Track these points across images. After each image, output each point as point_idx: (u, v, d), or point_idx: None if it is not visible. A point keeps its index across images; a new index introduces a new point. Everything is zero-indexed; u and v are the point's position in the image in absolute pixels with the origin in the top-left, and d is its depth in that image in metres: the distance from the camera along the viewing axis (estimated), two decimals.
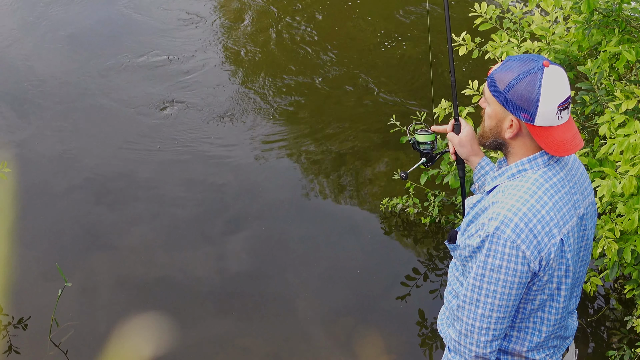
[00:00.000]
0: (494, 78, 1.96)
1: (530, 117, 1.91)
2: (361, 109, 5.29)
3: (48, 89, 5.39)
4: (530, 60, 1.92)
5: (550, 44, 3.48)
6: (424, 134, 2.53)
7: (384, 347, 3.61)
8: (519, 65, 1.92)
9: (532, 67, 1.90)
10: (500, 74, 1.94)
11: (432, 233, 4.29)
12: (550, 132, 1.92)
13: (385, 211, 4.38)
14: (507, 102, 1.93)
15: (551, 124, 1.92)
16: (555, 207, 1.94)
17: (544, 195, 1.94)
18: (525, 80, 1.89)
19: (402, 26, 6.19)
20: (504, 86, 1.92)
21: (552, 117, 1.91)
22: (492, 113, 2.00)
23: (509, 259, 1.90)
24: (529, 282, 1.95)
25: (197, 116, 5.20)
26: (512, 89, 1.91)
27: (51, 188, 4.53)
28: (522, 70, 1.91)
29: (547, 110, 1.90)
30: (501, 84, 1.93)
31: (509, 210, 1.90)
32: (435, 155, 2.57)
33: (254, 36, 6.11)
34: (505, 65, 1.95)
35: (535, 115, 1.90)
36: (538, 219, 1.90)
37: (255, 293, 3.92)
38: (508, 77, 1.92)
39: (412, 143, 2.57)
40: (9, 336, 3.59)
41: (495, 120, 1.99)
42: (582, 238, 2.07)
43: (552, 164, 1.99)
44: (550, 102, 1.89)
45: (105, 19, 6.25)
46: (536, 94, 1.88)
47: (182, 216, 4.37)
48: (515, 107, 1.92)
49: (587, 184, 2.11)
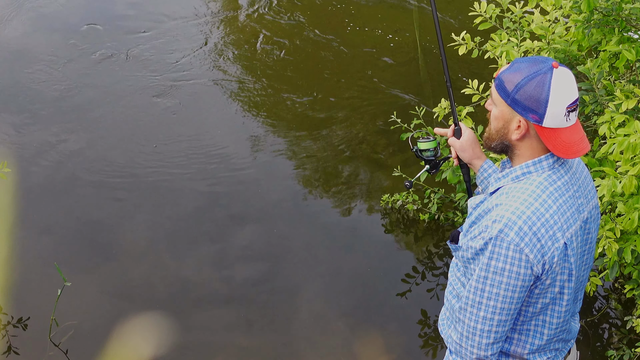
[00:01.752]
0: (502, 79, 1.96)
1: (539, 118, 1.91)
2: (363, 105, 5.28)
3: (47, 88, 5.39)
4: (539, 62, 1.92)
5: (550, 44, 3.47)
6: (426, 141, 2.52)
7: (384, 347, 3.61)
8: (527, 67, 1.92)
9: (541, 68, 1.90)
10: (509, 75, 1.94)
11: (431, 231, 4.29)
12: (558, 133, 1.92)
13: (386, 207, 4.38)
14: (515, 102, 1.93)
15: (559, 126, 1.92)
16: (560, 211, 1.94)
17: (548, 198, 1.93)
18: (535, 81, 1.90)
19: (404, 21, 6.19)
20: (513, 87, 1.92)
21: (560, 118, 1.91)
22: (499, 114, 2.00)
23: (512, 262, 1.89)
24: (532, 285, 1.95)
25: (197, 115, 5.20)
26: (521, 90, 1.91)
27: (51, 187, 4.53)
28: (531, 71, 1.91)
29: (556, 111, 1.90)
30: (510, 84, 1.93)
31: (512, 213, 1.90)
32: (439, 162, 2.56)
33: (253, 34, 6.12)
34: (513, 67, 1.95)
35: (544, 116, 1.90)
36: (542, 222, 1.90)
37: (255, 293, 3.91)
38: (517, 78, 1.92)
39: (414, 152, 2.56)
40: (9, 336, 3.59)
41: (503, 121, 1.99)
42: (586, 242, 2.07)
43: (556, 167, 1.99)
44: (559, 103, 1.89)
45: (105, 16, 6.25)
46: (545, 95, 1.88)
47: (183, 216, 4.37)
48: (523, 108, 1.92)
49: (591, 187, 2.10)
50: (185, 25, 6.19)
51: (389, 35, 6.06)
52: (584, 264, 2.09)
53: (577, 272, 2.03)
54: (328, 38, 6.02)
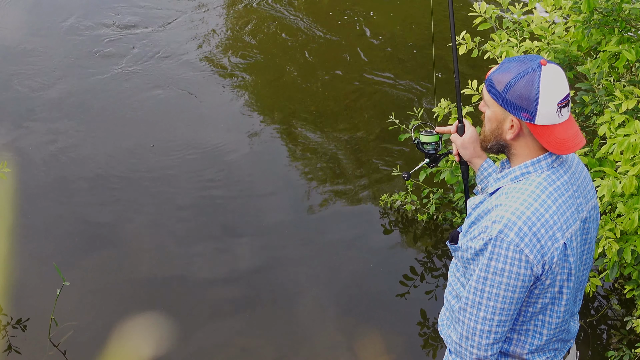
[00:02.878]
0: (492, 80, 1.97)
1: (531, 116, 1.91)
2: (362, 104, 5.28)
3: (47, 88, 5.39)
4: (527, 60, 1.92)
5: (550, 44, 3.47)
6: (429, 134, 2.52)
7: (384, 347, 3.61)
8: (516, 66, 1.93)
9: (529, 66, 1.91)
10: (498, 76, 1.95)
11: (430, 231, 4.29)
12: (551, 130, 1.93)
13: (385, 207, 4.38)
14: (506, 102, 1.93)
15: (552, 122, 1.92)
16: (559, 211, 1.94)
17: (548, 199, 1.93)
18: (524, 80, 1.90)
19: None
20: (503, 87, 1.93)
21: (552, 115, 1.91)
22: (492, 115, 2.00)
23: (512, 263, 1.89)
24: (531, 285, 1.95)
25: (197, 115, 5.20)
26: (511, 89, 1.91)
27: (50, 187, 4.53)
28: (519, 70, 1.91)
29: (547, 109, 1.90)
30: (499, 85, 1.94)
31: (512, 214, 1.90)
32: (439, 157, 2.56)
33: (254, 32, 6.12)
34: (502, 67, 1.96)
35: (535, 114, 1.91)
36: (542, 222, 1.90)
37: (255, 293, 3.91)
38: (506, 77, 1.93)
39: (416, 143, 2.57)
40: (8, 336, 3.59)
41: (496, 122, 2.00)
42: (585, 242, 2.07)
43: (555, 167, 1.99)
44: (549, 100, 1.90)
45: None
46: (535, 93, 1.89)
47: (182, 217, 4.37)
48: (514, 107, 1.92)
49: (590, 187, 2.10)
50: (185, 21, 6.20)
51: (397, 35, 6.06)
52: (583, 264, 2.09)
53: (576, 272, 2.03)
54: (322, 31, 6.02)
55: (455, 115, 3.69)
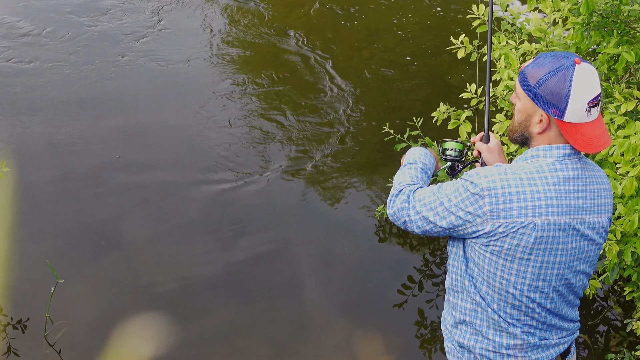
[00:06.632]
0: (525, 74, 2.01)
1: (560, 113, 1.95)
2: (361, 113, 5.29)
3: (46, 87, 5.37)
4: (562, 57, 1.96)
5: (549, 46, 3.48)
6: (452, 141, 2.56)
7: (384, 347, 3.61)
8: (550, 62, 1.97)
9: (563, 63, 1.95)
10: (532, 70, 1.99)
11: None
12: (579, 128, 1.96)
13: (385, 213, 4.38)
14: (537, 97, 1.98)
15: (580, 121, 1.95)
16: (545, 195, 1.96)
17: (539, 179, 1.97)
18: (557, 77, 1.94)
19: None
20: (535, 82, 1.97)
21: (581, 113, 1.94)
22: (522, 108, 2.05)
23: (468, 197, 1.99)
24: (477, 233, 1.99)
25: (198, 114, 5.19)
26: (543, 85, 1.96)
27: (49, 187, 4.51)
28: (553, 66, 1.95)
29: (576, 107, 1.93)
30: (532, 79, 1.98)
31: (498, 174, 1.98)
32: (461, 166, 2.58)
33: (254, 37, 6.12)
34: (537, 62, 2.00)
35: (565, 111, 1.94)
36: (518, 190, 1.95)
37: (255, 294, 3.90)
38: (539, 73, 1.97)
39: (440, 151, 2.60)
40: (6, 335, 3.57)
41: (525, 115, 2.04)
42: (578, 248, 2.03)
43: (566, 160, 2.01)
44: (580, 98, 1.93)
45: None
46: (566, 90, 1.93)
47: (181, 216, 4.36)
48: (545, 103, 1.97)
49: (605, 204, 2.07)
50: (188, 20, 6.20)
51: (400, 32, 6.07)
52: (567, 267, 2.04)
53: (553, 265, 2.01)
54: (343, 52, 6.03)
55: (454, 119, 3.71)
